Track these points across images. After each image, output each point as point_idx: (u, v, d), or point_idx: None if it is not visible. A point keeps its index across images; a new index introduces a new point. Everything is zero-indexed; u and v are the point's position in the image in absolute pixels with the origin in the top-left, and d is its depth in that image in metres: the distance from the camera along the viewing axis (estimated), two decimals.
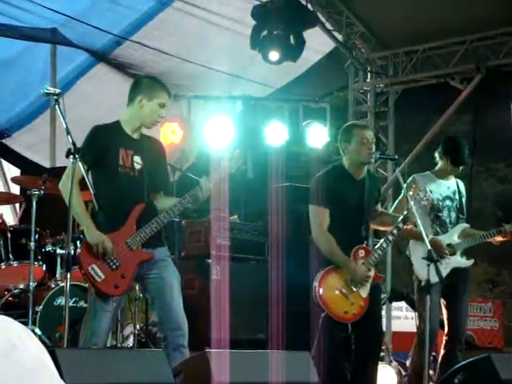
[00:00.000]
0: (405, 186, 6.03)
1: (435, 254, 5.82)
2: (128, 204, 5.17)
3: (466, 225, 6.71)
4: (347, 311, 5.71)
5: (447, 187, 6.74)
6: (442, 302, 6.53)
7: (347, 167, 5.96)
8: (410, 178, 6.58)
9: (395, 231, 5.87)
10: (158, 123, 5.48)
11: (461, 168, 6.78)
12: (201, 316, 7.33)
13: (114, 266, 5.04)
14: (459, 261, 6.59)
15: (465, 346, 6.66)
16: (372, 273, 5.82)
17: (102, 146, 5.19)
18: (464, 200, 6.80)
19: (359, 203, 5.88)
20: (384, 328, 7.84)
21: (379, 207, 6.25)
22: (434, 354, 6.70)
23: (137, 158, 5.25)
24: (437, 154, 6.82)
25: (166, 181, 5.52)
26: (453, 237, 6.60)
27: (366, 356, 5.90)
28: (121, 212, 5.14)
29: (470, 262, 6.68)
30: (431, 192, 6.53)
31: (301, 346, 5.43)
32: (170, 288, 5.17)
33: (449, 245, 6.53)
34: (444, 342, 6.56)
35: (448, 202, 6.68)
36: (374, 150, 5.90)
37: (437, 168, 6.79)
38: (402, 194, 6.39)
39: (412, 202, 5.83)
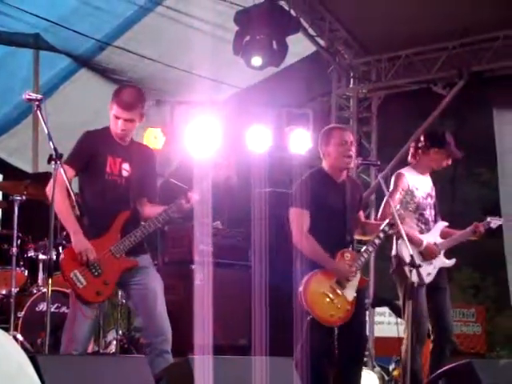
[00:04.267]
0: (387, 191, 6.01)
1: (428, 257, 6.26)
2: (113, 211, 5.16)
3: (444, 223, 6.66)
4: (333, 314, 5.66)
5: (427, 184, 6.70)
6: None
7: (327, 170, 5.90)
8: (396, 174, 6.55)
9: (381, 235, 5.83)
10: (127, 134, 5.23)
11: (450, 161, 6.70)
12: (184, 321, 7.32)
13: (96, 273, 5.03)
14: (443, 261, 6.56)
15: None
16: (358, 276, 5.79)
17: (91, 152, 5.17)
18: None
19: (342, 206, 5.84)
20: (367, 333, 7.81)
21: (362, 215, 6.18)
22: None
23: (125, 166, 5.24)
24: (412, 149, 6.70)
25: (153, 188, 5.46)
26: (436, 235, 6.57)
27: (349, 361, 5.87)
28: (106, 219, 5.13)
29: (452, 262, 6.64)
30: (417, 189, 6.50)
31: (284, 352, 5.42)
32: (153, 294, 5.17)
33: (434, 244, 6.51)
34: (432, 346, 6.48)
35: (429, 200, 6.63)
36: (353, 152, 5.85)
37: (417, 163, 6.65)
38: (384, 200, 6.35)
39: (398, 206, 5.83)
